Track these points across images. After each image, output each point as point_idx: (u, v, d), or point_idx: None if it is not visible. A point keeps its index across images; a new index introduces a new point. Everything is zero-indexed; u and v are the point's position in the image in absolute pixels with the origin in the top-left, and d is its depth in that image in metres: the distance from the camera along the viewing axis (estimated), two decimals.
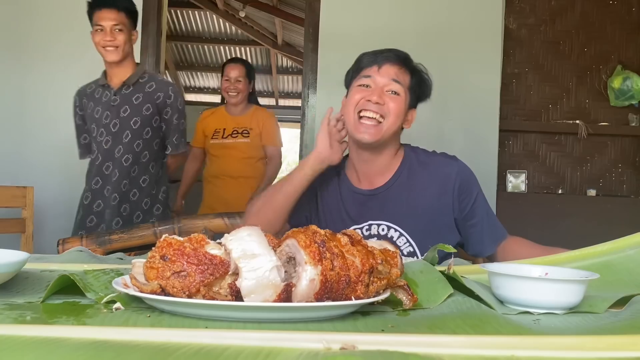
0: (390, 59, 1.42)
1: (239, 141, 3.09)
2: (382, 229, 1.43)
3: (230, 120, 3.14)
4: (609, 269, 0.98)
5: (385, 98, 1.39)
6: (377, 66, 1.42)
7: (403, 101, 1.41)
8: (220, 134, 3.12)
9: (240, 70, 3.11)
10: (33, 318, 0.66)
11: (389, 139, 1.42)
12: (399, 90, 1.40)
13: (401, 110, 1.40)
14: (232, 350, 0.54)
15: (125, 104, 2.32)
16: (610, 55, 3.44)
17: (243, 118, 3.14)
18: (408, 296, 0.78)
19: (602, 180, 3.46)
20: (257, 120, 3.12)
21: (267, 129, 3.14)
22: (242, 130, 3.11)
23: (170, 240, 0.70)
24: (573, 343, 0.61)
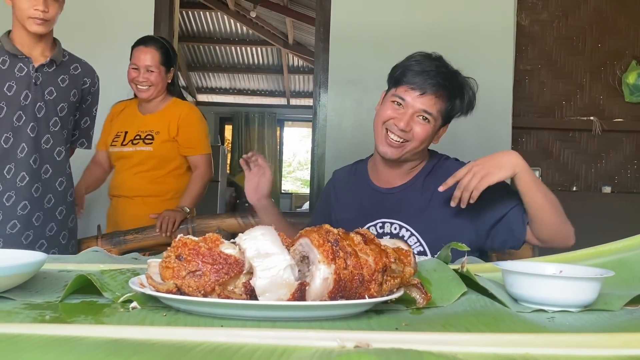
0: (433, 88, 1.40)
1: (138, 150, 2.32)
2: (395, 227, 1.45)
3: (137, 120, 2.38)
4: (625, 267, 0.97)
5: (412, 124, 1.40)
6: (416, 92, 1.40)
7: (431, 127, 1.42)
8: (120, 138, 2.35)
9: (153, 55, 2.30)
10: (52, 317, 0.67)
11: (412, 156, 1.46)
12: (430, 118, 1.41)
13: (427, 136, 1.42)
14: (248, 349, 0.54)
15: (50, 85, 1.93)
16: (625, 50, 3.40)
17: (154, 118, 2.36)
18: (422, 294, 0.78)
19: (617, 177, 3.42)
20: (170, 120, 2.33)
21: (186, 132, 2.34)
22: (146, 134, 2.33)
23: (186, 240, 0.71)
24: (588, 341, 0.60)
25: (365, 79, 3.18)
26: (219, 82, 8.82)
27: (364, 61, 3.18)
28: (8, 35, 1.91)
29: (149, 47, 2.32)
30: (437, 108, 1.41)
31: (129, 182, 2.33)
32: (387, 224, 1.46)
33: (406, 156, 1.44)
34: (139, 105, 2.42)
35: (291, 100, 8.91)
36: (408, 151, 1.42)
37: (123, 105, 2.48)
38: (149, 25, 3.27)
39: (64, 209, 1.98)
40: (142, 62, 2.29)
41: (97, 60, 3.11)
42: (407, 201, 1.46)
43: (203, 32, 7.60)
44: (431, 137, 1.44)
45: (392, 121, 1.41)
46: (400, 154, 1.42)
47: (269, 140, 8.92)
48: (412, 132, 1.40)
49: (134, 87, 2.33)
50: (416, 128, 1.40)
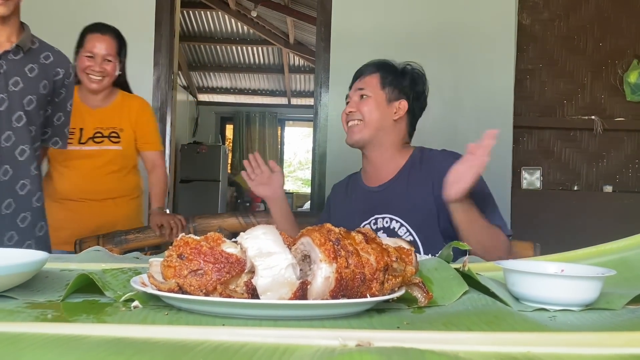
0: (356, 76, 1.64)
1: (105, 149, 2.16)
2: (386, 221, 1.52)
3: (88, 115, 2.16)
4: (626, 266, 0.97)
5: (356, 105, 1.58)
6: (355, 82, 1.64)
7: (374, 100, 1.56)
8: (76, 136, 2.13)
9: (110, 44, 2.14)
10: (54, 316, 0.67)
11: (377, 133, 1.56)
12: (367, 92, 1.57)
13: (372, 108, 1.55)
14: (249, 347, 0.54)
15: (16, 75, 1.68)
16: (626, 49, 3.40)
17: (108, 113, 2.20)
18: (423, 293, 0.78)
19: (619, 176, 3.42)
20: (130, 115, 2.22)
21: (144, 127, 2.24)
22: (110, 132, 2.18)
23: (187, 239, 0.71)
24: (590, 339, 0.60)
25: None
26: (219, 81, 8.83)
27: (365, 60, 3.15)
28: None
29: (107, 35, 2.15)
30: (371, 83, 1.58)
31: (100, 185, 2.17)
32: (379, 219, 1.53)
33: (367, 134, 1.54)
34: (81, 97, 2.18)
35: (292, 99, 8.92)
36: (365, 129, 1.55)
37: None
38: (150, 25, 3.28)
39: (29, 216, 1.72)
40: (99, 50, 2.12)
41: None
42: (394, 194, 1.53)
43: (204, 32, 7.61)
44: (379, 109, 1.55)
45: (346, 116, 1.60)
46: (361, 136, 1.55)
47: (269, 140, 8.93)
48: (359, 110, 1.56)
49: (85, 77, 2.12)
50: (361, 107, 1.56)
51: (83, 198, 2.17)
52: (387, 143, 1.57)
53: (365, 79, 1.61)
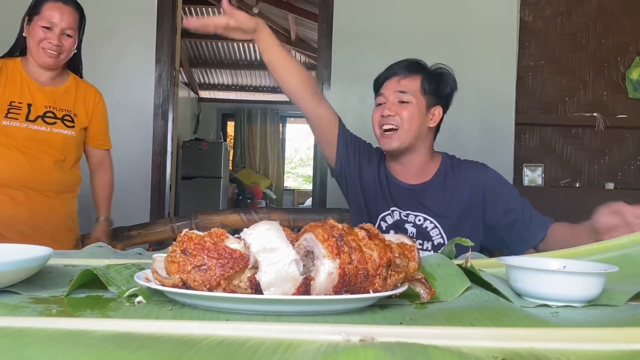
0: (394, 72, 1.56)
1: (57, 132, 1.89)
2: (419, 219, 1.55)
3: (39, 91, 1.91)
4: (628, 262, 0.97)
5: (395, 109, 1.52)
6: (387, 82, 1.56)
7: (415, 106, 1.52)
8: (22, 112, 1.86)
9: (73, 16, 1.88)
10: (58, 311, 0.68)
11: (415, 142, 1.54)
12: (408, 97, 1.52)
13: (414, 115, 1.52)
14: (253, 342, 0.55)
15: None
16: (628, 46, 3.39)
17: (61, 94, 1.95)
18: (426, 289, 0.78)
19: (621, 173, 3.42)
20: (86, 102, 1.99)
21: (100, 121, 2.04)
22: (64, 114, 1.93)
23: (191, 234, 0.71)
24: (592, 335, 0.61)
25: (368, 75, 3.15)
26: (221, 78, 8.83)
27: (366, 57, 3.17)
28: None
29: (69, 6, 1.88)
30: (412, 86, 1.52)
31: (46, 174, 1.86)
32: (411, 215, 1.55)
33: (405, 142, 1.52)
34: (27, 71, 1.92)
35: None
36: (404, 137, 1.51)
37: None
38: (151, 22, 3.28)
39: None
40: (59, 22, 1.84)
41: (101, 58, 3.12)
42: (430, 197, 1.55)
43: None
44: (419, 117, 1.52)
45: (380, 117, 1.54)
46: (398, 143, 1.52)
47: (271, 137, 8.92)
48: (398, 116, 1.51)
49: (40, 51, 1.84)
50: (401, 112, 1.51)
51: (24, 186, 1.83)
52: (422, 149, 1.57)
53: (405, 80, 1.54)
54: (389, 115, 1.52)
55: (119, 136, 2.30)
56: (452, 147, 1.66)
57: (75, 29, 1.89)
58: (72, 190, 2.00)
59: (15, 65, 1.92)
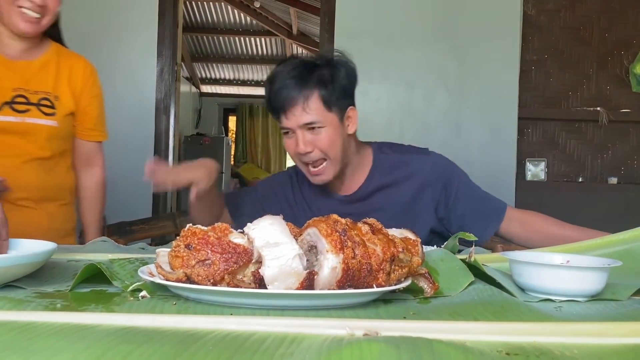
0: (288, 99, 1.29)
1: (32, 122, 1.47)
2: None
3: (6, 68, 1.48)
4: (632, 257, 0.97)
5: (310, 140, 1.30)
6: (283, 113, 1.31)
7: (329, 128, 1.31)
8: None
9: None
10: (63, 306, 0.68)
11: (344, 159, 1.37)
12: (317, 124, 1.30)
13: (333, 140, 1.31)
14: (258, 336, 0.55)
15: None
16: (632, 40, 3.38)
17: (36, 69, 1.51)
18: (429, 284, 0.78)
19: (624, 168, 3.41)
20: (71, 79, 1.55)
21: (91, 104, 1.60)
22: (41, 98, 1.49)
23: (195, 229, 0.71)
24: (596, 329, 0.61)
25: (370, 69, 3.17)
26: (222, 73, 8.82)
27: (369, 52, 3.16)
28: None
29: None
30: (314, 110, 1.29)
31: (18, 177, 1.44)
32: None
33: (338, 168, 1.35)
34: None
35: None
36: (333, 166, 1.33)
37: None
38: (153, 16, 3.27)
39: None
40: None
41: (102, 51, 3.12)
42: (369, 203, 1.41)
43: (207, 23, 7.58)
44: (338, 136, 1.32)
45: (298, 155, 1.34)
46: (330, 174, 1.34)
47: (273, 132, 8.92)
48: (316, 150, 1.31)
49: (15, 12, 1.40)
50: (318, 143, 1.31)
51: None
52: (352, 159, 1.40)
53: (301, 105, 1.29)
54: (306, 152, 1.31)
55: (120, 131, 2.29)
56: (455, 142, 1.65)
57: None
58: (59, 198, 1.57)
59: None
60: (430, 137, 2.95)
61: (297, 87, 1.29)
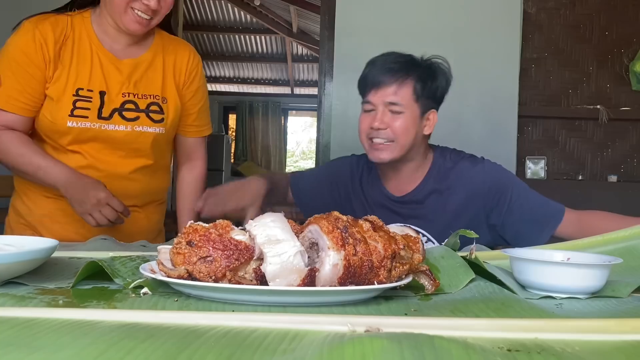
0: (385, 77, 1.39)
1: (141, 130, 1.38)
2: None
3: (115, 69, 1.37)
4: (632, 254, 0.98)
5: (388, 120, 1.38)
6: (375, 88, 1.40)
7: (409, 116, 1.39)
8: (93, 104, 1.33)
9: None
10: (65, 302, 0.68)
11: (409, 153, 1.42)
12: (400, 108, 1.38)
13: (408, 127, 1.38)
14: (260, 332, 0.55)
15: None
16: (632, 38, 3.37)
17: (144, 68, 1.40)
18: (430, 281, 0.78)
19: (624, 166, 3.41)
20: (175, 71, 1.44)
21: (197, 97, 1.50)
22: (149, 104, 1.39)
23: (196, 226, 0.71)
24: (597, 326, 0.61)
25: None
26: (222, 71, 8.80)
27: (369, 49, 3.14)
28: None
29: None
30: (404, 94, 1.38)
31: (125, 186, 1.39)
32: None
33: (399, 155, 1.40)
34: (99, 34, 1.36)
35: (295, 89, 8.89)
36: (399, 150, 1.39)
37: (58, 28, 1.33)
38: None
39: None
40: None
41: None
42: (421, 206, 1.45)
43: (207, 21, 7.58)
44: (414, 127, 1.39)
45: (369, 129, 1.40)
46: (392, 155, 1.39)
47: (273, 130, 8.92)
48: (390, 129, 1.38)
49: (128, 12, 1.29)
50: (393, 124, 1.38)
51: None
52: (416, 157, 1.45)
53: (394, 87, 1.38)
54: (380, 128, 1.37)
55: None
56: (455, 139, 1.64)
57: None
58: (159, 198, 1.56)
59: (84, 26, 1.35)
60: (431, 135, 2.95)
61: (396, 71, 1.39)
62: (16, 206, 1.46)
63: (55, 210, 1.39)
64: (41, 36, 1.31)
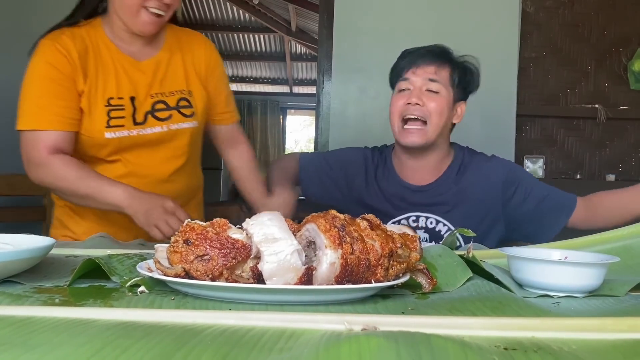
0: (425, 58, 1.43)
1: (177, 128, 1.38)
2: (431, 222, 1.46)
3: (139, 72, 1.36)
4: (629, 253, 0.98)
5: (424, 99, 1.40)
6: (414, 67, 1.43)
7: (445, 99, 1.42)
8: (127, 112, 1.32)
9: None
10: (62, 301, 0.68)
11: (438, 139, 1.44)
12: (438, 88, 1.41)
13: (443, 109, 1.41)
14: (257, 331, 0.55)
15: None
16: (631, 37, 3.37)
17: (164, 65, 1.39)
18: (427, 280, 0.78)
19: (622, 165, 3.42)
20: (194, 63, 1.43)
21: (220, 86, 1.50)
22: (179, 99, 1.38)
23: (193, 224, 0.71)
24: (594, 325, 0.61)
25: (369, 66, 3.16)
26: None
27: (368, 48, 3.16)
28: None
29: None
30: (442, 76, 1.42)
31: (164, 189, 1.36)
32: (421, 217, 1.46)
33: (431, 138, 1.41)
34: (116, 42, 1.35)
35: (294, 88, 8.88)
36: (430, 132, 1.40)
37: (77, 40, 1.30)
38: None
39: None
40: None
41: None
42: (442, 196, 1.46)
43: (205, 19, 7.56)
44: (447, 111, 1.42)
45: (405, 105, 1.40)
46: (424, 138, 1.40)
47: (271, 129, 8.91)
48: (426, 107, 1.39)
49: (141, 13, 1.27)
50: (429, 103, 1.40)
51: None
52: (442, 146, 1.47)
53: (434, 67, 1.41)
54: (416, 103, 1.38)
55: None
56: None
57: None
58: (195, 195, 1.54)
59: (97, 35, 1.33)
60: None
61: (437, 54, 1.44)
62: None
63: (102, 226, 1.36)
64: (64, 49, 1.29)
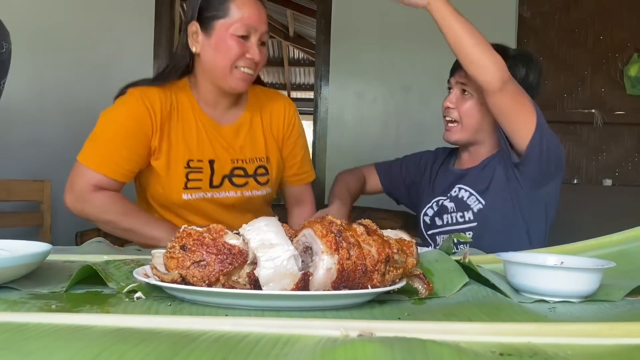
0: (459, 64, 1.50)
1: (250, 195, 1.39)
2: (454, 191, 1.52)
3: (220, 136, 1.37)
4: (625, 258, 0.98)
5: (457, 101, 1.51)
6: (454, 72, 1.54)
7: (476, 100, 1.48)
8: (204, 174, 1.34)
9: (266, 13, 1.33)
10: (58, 307, 0.68)
11: (477, 136, 1.52)
12: (470, 91, 1.49)
13: (473, 110, 1.49)
14: (253, 337, 0.55)
15: None
16: (627, 42, 3.39)
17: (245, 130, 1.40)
18: (424, 285, 0.79)
19: (618, 170, 3.43)
20: (272, 128, 1.44)
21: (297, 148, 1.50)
22: (257, 167, 1.40)
23: (190, 230, 0.71)
24: (590, 330, 0.61)
25: (366, 71, 3.17)
26: None
27: (365, 53, 3.17)
28: None
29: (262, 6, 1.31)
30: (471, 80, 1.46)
31: None
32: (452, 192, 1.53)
33: (463, 137, 1.50)
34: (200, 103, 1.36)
35: (292, 92, 8.90)
36: (462, 132, 1.49)
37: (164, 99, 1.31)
38: (149, 17, 3.27)
39: None
40: (258, 24, 1.28)
41: (99, 53, 3.12)
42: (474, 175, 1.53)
43: None
44: (480, 112, 1.48)
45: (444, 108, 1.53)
46: (456, 136, 1.51)
47: None
48: (456, 109, 1.49)
49: (235, 73, 1.29)
50: (462, 106, 1.49)
51: None
52: (487, 140, 1.53)
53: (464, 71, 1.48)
54: (448, 107, 1.52)
55: None
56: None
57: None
58: None
59: (184, 93, 1.35)
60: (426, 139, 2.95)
61: None
62: None
63: None
64: (150, 104, 1.30)
